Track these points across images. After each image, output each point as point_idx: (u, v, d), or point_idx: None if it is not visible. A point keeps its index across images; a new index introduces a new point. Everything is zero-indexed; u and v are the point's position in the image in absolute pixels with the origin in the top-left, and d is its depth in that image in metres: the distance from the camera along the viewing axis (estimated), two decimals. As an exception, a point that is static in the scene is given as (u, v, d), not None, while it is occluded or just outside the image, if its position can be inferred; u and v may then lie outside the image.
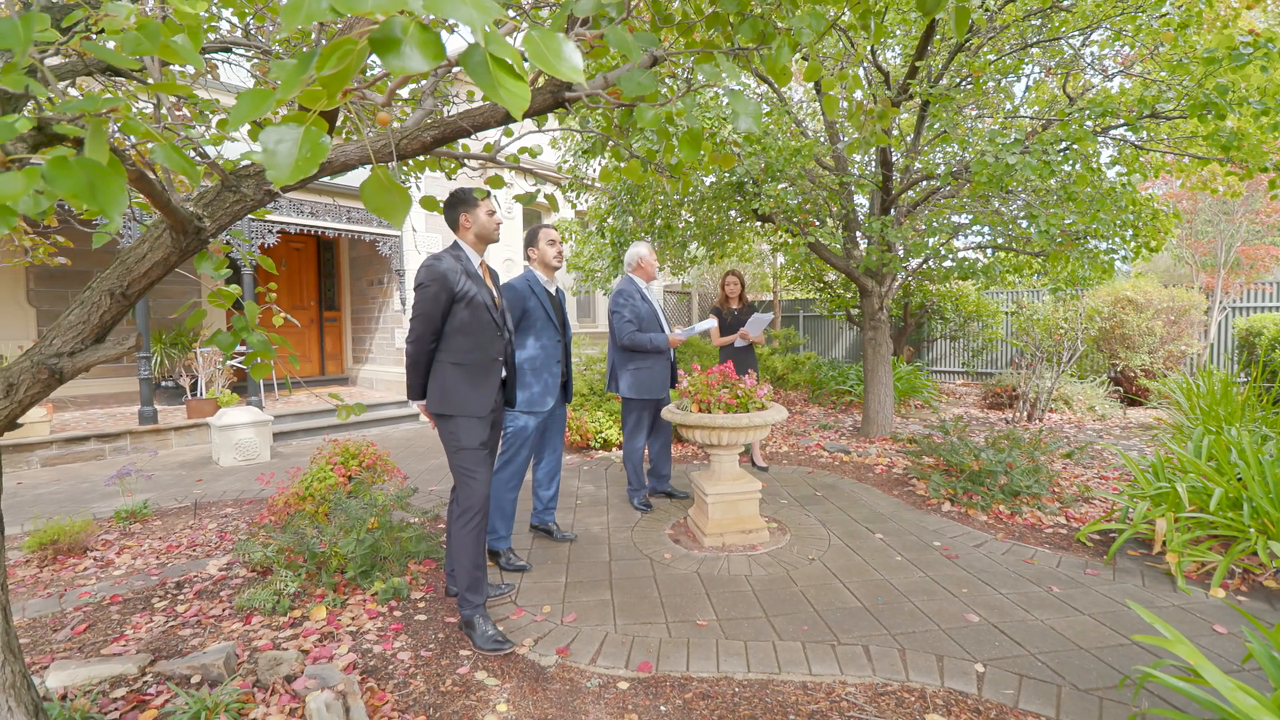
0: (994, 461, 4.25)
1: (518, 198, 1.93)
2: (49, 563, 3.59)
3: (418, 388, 2.69)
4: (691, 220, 6.29)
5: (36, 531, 3.62)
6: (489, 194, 2.70)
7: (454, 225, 2.78)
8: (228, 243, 2.20)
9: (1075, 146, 3.97)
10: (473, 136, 1.80)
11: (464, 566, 2.61)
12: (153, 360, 7.90)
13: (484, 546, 2.67)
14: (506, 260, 9.51)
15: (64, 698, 2.15)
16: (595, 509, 4.37)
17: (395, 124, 2.30)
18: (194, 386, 7.27)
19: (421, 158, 2.93)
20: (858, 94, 5.86)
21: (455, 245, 2.76)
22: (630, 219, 6.02)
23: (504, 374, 2.83)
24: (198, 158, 2.39)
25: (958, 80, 4.63)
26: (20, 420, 1.47)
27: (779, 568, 3.30)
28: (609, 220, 6.32)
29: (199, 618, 2.88)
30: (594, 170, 6.13)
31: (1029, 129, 4.49)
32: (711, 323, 4.11)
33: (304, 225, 7.77)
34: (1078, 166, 3.90)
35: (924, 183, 6.12)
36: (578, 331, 11.29)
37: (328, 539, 3.17)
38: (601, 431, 6.05)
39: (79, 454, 6.17)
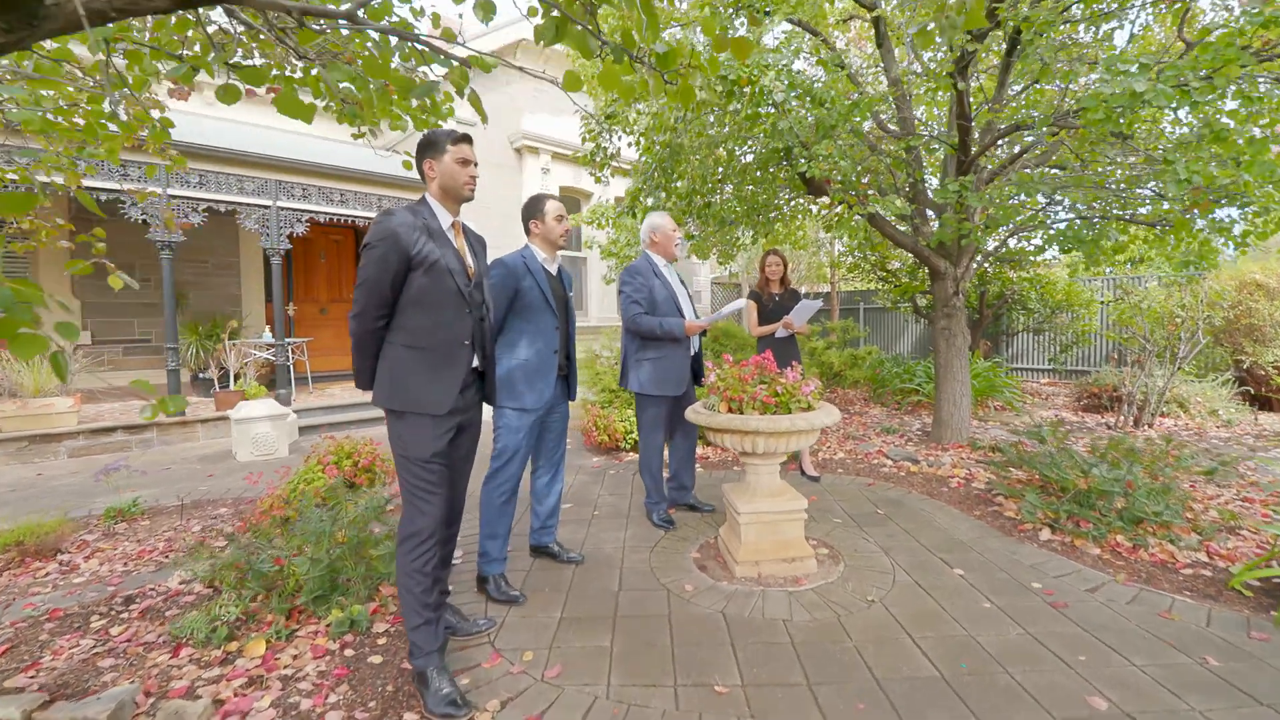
0: (1108, 480, 3.39)
1: (450, 75, 1.35)
2: (15, 565, 3.30)
3: (366, 374, 2.17)
4: (731, 195, 5.57)
5: (4, 531, 3.35)
6: (462, 139, 2.15)
7: (422, 176, 2.25)
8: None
9: (1215, 77, 3.05)
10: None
11: (410, 607, 2.06)
12: (189, 352, 7.87)
13: (434, 581, 2.11)
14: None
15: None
16: (613, 522, 3.77)
17: None
18: (223, 378, 7.13)
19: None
20: None
21: (421, 200, 2.23)
22: (664, 195, 5.38)
23: (476, 362, 2.27)
24: None
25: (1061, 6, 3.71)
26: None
27: (828, 611, 2.61)
28: (643, 199, 5.70)
29: (129, 643, 2.46)
30: (621, 147, 5.51)
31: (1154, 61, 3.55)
32: (741, 303, 3.44)
33: (334, 214, 7.53)
34: (1229, 101, 2.99)
35: (1003, 147, 5.21)
36: (603, 325, 10.71)
37: (285, 555, 2.71)
38: (631, 432, 5.46)
39: (106, 445, 6.07)
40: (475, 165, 2.20)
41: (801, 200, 6.59)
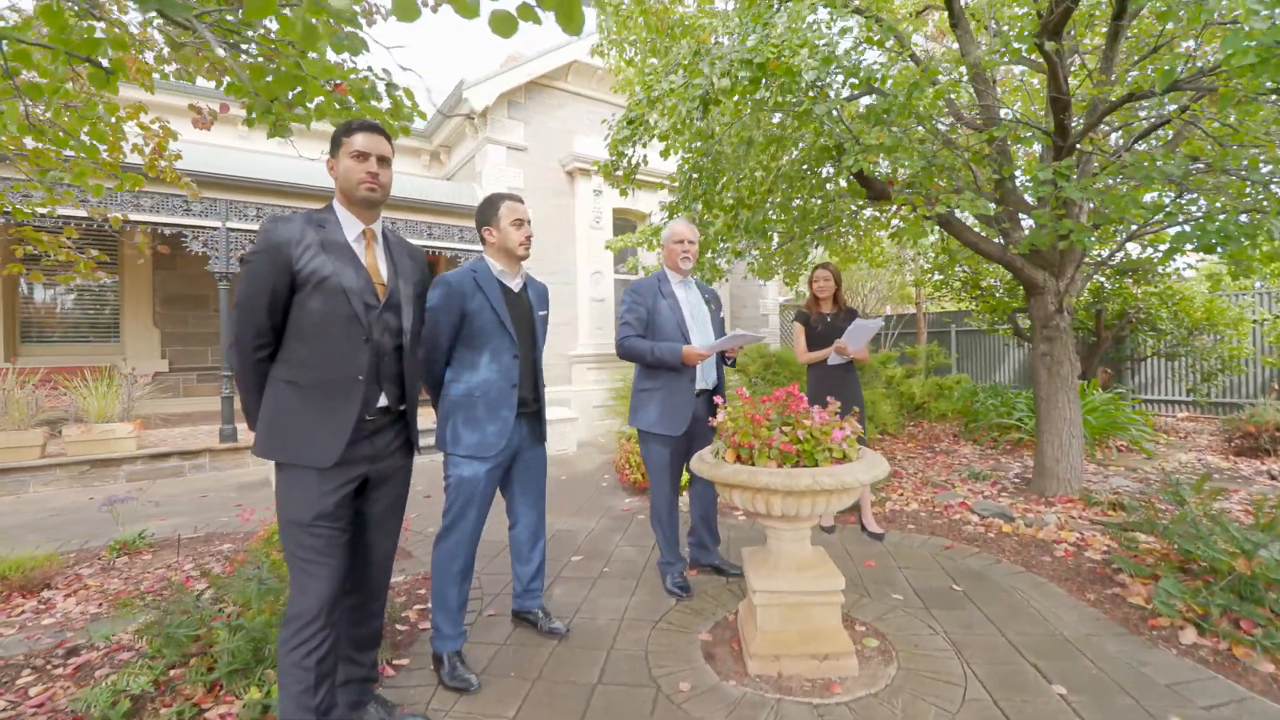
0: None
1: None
2: (-1, 600, 3.21)
3: (253, 414, 1.78)
4: (777, 203, 4.93)
5: (-8, 564, 3.27)
6: (360, 129, 1.77)
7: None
8: None
9: None
10: None
11: (286, 712, 1.61)
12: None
13: (320, 679, 1.65)
14: (595, 273, 8.69)
15: None
16: (621, 584, 3.21)
17: None
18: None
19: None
20: None
21: (328, 206, 1.86)
22: (701, 208, 4.84)
23: (385, 401, 1.83)
24: None
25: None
26: None
27: (862, 741, 1.91)
28: (681, 213, 5.19)
29: (37, 710, 2.18)
30: (647, 154, 5.03)
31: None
32: (749, 335, 2.83)
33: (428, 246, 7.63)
34: None
35: (1110, 137, 4.27)
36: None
37: (228, 614, 2.37)
38: (667, 470, 4.87)
39: (161, 470, 6.23)
40: (378, 160, 1.79)
41: (873, 212, 5.85)
